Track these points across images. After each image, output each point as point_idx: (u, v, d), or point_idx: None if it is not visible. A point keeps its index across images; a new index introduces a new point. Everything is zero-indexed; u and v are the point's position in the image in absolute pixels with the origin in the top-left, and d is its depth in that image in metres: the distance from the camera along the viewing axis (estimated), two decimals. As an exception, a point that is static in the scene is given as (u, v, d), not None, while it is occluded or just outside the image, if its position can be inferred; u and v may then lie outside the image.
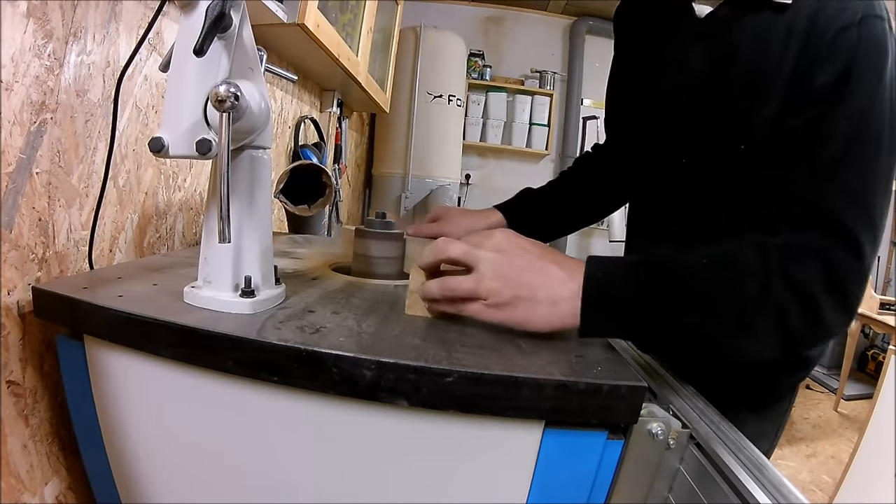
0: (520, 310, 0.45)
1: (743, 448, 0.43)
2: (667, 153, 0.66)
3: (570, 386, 0.39)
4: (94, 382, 0.47)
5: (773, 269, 0.45)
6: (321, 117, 1.63)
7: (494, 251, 0.46)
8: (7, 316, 0.49)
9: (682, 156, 0.64)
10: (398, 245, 0.70)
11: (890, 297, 2.85)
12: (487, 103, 3.56)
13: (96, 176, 0.61)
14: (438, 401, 0.39)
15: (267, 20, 0.90)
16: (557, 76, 3.62)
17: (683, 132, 0.63)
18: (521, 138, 3.60)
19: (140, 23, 0.66)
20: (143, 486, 0.48)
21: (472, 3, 3.60)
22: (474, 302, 0.46)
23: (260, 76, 0.46)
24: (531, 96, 3.57)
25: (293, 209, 0.99)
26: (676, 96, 0.63)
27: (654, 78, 0.66)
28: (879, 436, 1.69)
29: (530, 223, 0.83)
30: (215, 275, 0.47)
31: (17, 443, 0.51)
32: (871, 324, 2.85)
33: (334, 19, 1.20)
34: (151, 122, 0.72)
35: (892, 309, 2.69)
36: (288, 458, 0.44)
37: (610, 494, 0.44)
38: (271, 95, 1.22)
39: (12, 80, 0.48)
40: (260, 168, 0.48)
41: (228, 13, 0.40)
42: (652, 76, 0.67)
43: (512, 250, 0.46)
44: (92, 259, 0.59)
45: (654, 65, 0.66)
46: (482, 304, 0.46)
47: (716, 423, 0.47)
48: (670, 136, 0.65)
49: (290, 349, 0.39)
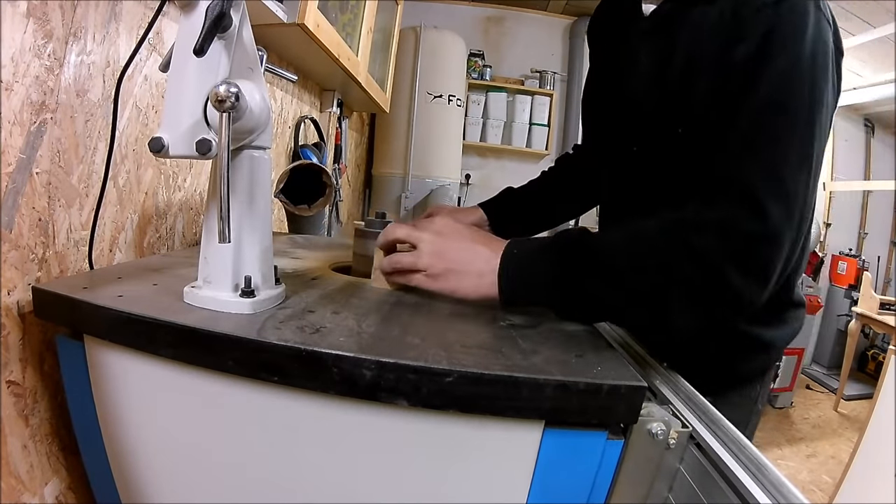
0: (451, 280, 0.54)
1: (743, 448, 0.43)
2: (621, 144, 0.70)
3: (570, 386, 0.39)
4: (94, 382, 0.47)
5: (674, 242, 0.48)
6: (321, 117, 1.63)
7: (433, 233, 0.55)
8: (7, 316, 0.49)
9: (633, 144, 0.67)
10: (398, 245, 0.70)
11: (890, 297, 2.85)
12: (487, 103, 3.55)
13: (96, 176, 0.61)
14: (438, 401, 0.39)
15: (267, 20, 0.90)
16: (557, 76, 3.62)
17: (634, 122, 0.67)
18: (521, 138, 3.60)
19: (140, 23, 0.66)
20: (143, 486, 0.48)
21: (472, 3, 3.60)
22: (416, 273, 0.55)
23: (260, 76, 0.46)
24: (531, 96, 3.57)
25: (293, 209, 0.99)
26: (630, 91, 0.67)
27: (614, 77, 0.71)
28: (879, 436, 1.69)
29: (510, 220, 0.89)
30: (215, 275, 0.47)
31: (17, 443, 0.51)
32: (871, 324, 2.85)
33: (334, 19, 1.20)
34: (151, 122, 0.72)
35: (892, 309, 2.69)
36: (288, 458, 0.44)
37: (610, 494, 0.44)
38: (271, 95, 1.22)
39: (12, 80, 0.48)
40: (260, 168, 0.48)
41: (228, 13, 0.40)
42: (612, 76, 0.72)
43: (447, 233, 0.55)
44: (92, 259, 0.59)
45: (614, 65, 0.72)
46: (422, 275, 0.54)
47: (716, 423, 0.47)
48: (624, 127, 0.69)
49: (290, 349, 0.39)
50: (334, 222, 1.87)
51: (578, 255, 0.50)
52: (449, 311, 0.54)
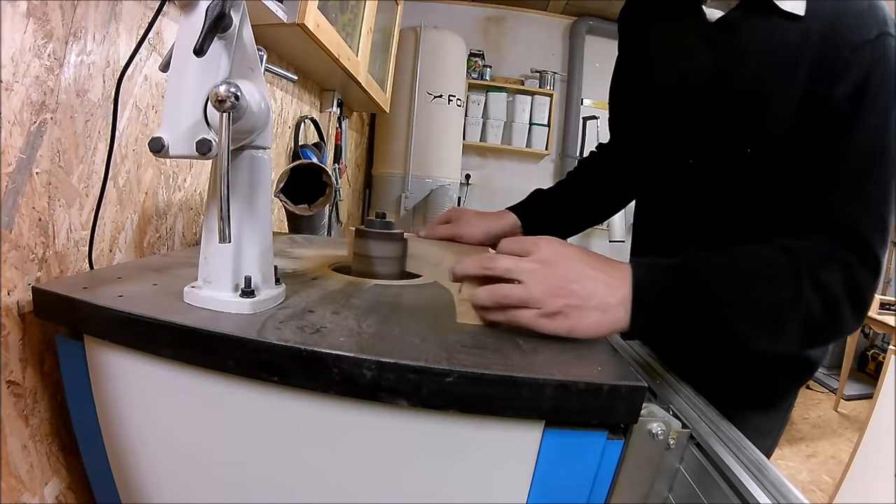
0: (571, 319, 0.46)
1: (743, 448, 0.43)
2: (674, 154, 0.67)
3: (570, 386, 0.39)
4: (94, 382, 0.47)
5: (804, 274, 0.48)
6: (321, 117, 1.63)
7: (540, 263, 0.47)
8: (7, 316, 0.49)
9: (689, 157, 0.65)
10: (398, 245, 0.70)
11: (890, 297, 2.85)
12: (487, 103, 3.55)
13: (96, 176, 0.61)
14: (438, 401, 0.39)
15: (267, 20, 0.90)
16: (557, 76, 3.62)
17: (691, 134, 0.64)
18: (521, 138, 3.60)
19: (140, 23, 0.66)
20: (143, 486, 0.48)
21: (472, 3, 3.60)
22: (527, 310, 0.46)
23: (260, 76, 0.46)
24: (531, 96, 3.57)
25: (293, 209, 0.99)
26: (685, 97, 0.64)
27: (662, 79, 0.67)
28: (879, 436, 1.69)
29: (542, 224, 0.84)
30: (215, 275, 0.47)
31: (17, 443, 0.51)
32: (871, 324, 2.85)
33: (334, 19, 1.20)
34: (151, 122, 0.72)
35: (892, 309, 2.69)
36: (288, 459, 0.44)
37: (610, 494, 0.44)
38: (271, 95, 1.22)
39: (12, 80, 0.48)
40: (260, 168, 0.48)
41: (228, 13, 0.40)
42: (659, 77, 0.68)
43: (557, 261, 0.47)
44: (92, 259, 0.59)
45: (662, 66, 0.67)
46: (534, 313, 0.46)
47: (716, 423, 0.47)
48: (678, 136, 0.66)
49: (290, 349, 0.39)
50: (334, 222, 1.87)
51: (710, 286, 0.48)
52: (449, 311, 0.54)
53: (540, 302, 0.45)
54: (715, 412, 0.50)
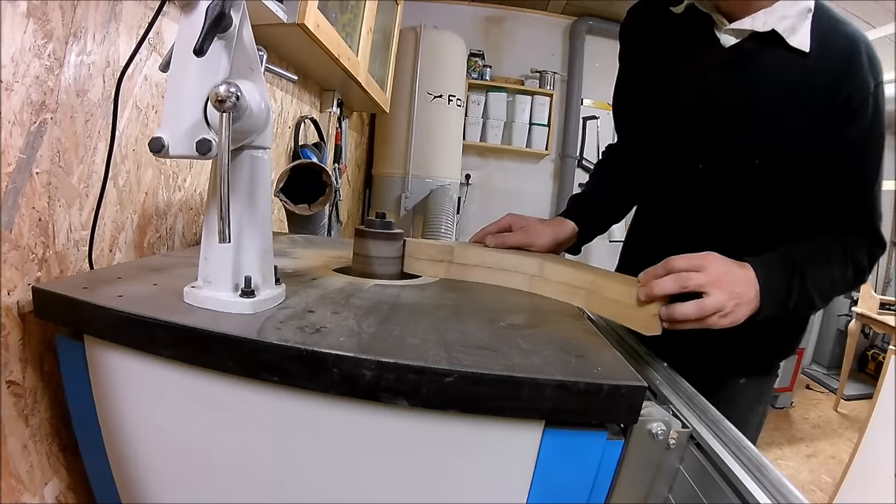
0: (736, 314, 0.58)
1: (743, 448, 0.43)
2: (684, 158, 0.76)
3: (570, 386, 0.39)
4: (94, 382, 0.47)
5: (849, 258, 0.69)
6: (321, 117, 1.63)
7: (716, 276, 0.58)
8: (7, 316, 0.49)
9: (698, 162, 0.75)
10: (398, 245, 0.70)
11: (890, 297, 2.85)
12: (487, 103, 3.55)
13: (96, 176, 0.61)
14: (438, 401, 0.39)
15: (267, 20, 0.90)
16: (557, 76, 3.62)
17: (702, 142, 0.74)
18: (521, 138, 3.59)
19: (140, 23, 0.66)
20: (143, 486, 0.48)
21: (472, 3, 3.60)
22: (714, 316, 0.58)
23: (260, 76, 0.46)
24: (531, 96, 3.56)
25: (293, 208, 0.99)
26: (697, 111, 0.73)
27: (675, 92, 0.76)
28: (879, 436, 1.69)
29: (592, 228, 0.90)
30: (215, 275, 0.47)
31: (17, 443, 0.50)
32: (871, 324, 2.85)
33: (334, 19, 1.20)
34: (151, 122, 0.72)
35: (892, 309, 2.69)
36: (288, 458, 0.44)
37: (610, 494, 0.44)
38: (271, 95, 1.22)
39: (12, 80, 0.48)
40: (260, 168, 0.48)
41: (228, 13, 0.40)
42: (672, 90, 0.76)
43: (722, 272, 0.59)
44: (92, 259, 0.59)
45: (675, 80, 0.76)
46: (718, 315, 0.58)
47: (716, 423, 0.47)
48: (689, 143, 0.75)
49: (290, 349, 0.39)
50: (334, 222, 1.87)
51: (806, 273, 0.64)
52: (449, 311, 0.54)
53: (723, 307, 0.57)
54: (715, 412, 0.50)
